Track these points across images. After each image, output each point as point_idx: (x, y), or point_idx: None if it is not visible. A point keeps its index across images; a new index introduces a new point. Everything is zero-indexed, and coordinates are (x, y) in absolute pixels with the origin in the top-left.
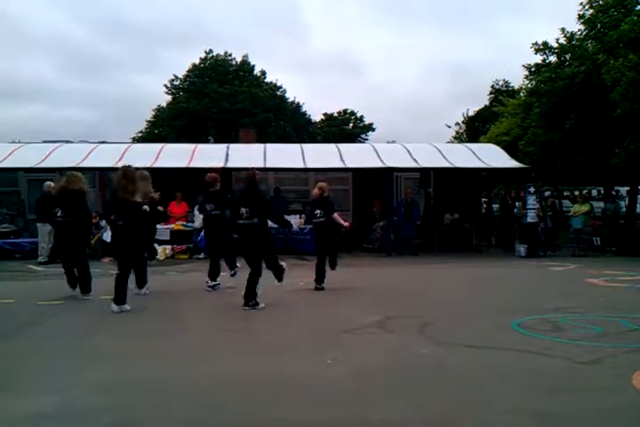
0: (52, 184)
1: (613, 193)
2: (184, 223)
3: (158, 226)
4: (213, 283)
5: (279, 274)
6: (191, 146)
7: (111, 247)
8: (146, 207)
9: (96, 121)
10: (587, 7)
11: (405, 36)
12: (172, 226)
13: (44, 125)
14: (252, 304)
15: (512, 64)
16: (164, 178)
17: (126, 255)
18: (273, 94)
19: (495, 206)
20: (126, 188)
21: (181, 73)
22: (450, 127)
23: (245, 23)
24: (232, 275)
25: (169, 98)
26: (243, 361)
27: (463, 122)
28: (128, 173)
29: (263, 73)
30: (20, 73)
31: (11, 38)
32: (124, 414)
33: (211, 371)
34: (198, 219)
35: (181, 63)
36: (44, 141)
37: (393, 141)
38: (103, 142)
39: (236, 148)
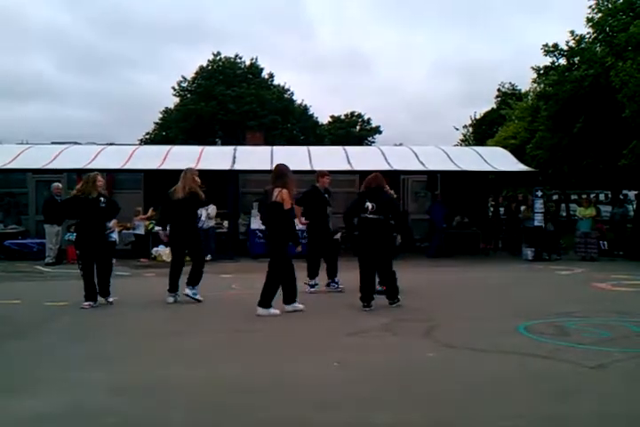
0: (60, 185)
1: (621, 197)
2: None
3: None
4: (330, 281)
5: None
6: (198, 148)
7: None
8: None
9: (103, 121)
10: (595, 10)
11: (413, 35)
12: None
13: (49, 126)
14: (395, 301)
15: (522, 65)
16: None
17: (279, 256)
18: (280, 97)
19: (502, 210)
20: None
21: (189, 75)
22: (458, 130)
23: (251, 21)
24: (327, 285)
25: (177, 100)
26: (247, 362)
27: (471, 125)
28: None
29: (271, 76)
30: (22, 72)
31: (12, 35)
32: (127, 416)
33: (214, 372)
34: (203, 221)
35: (187, 62)
36: (53, 143)
37: (400, 144)
38: (111, 144)
39: (243, 150)
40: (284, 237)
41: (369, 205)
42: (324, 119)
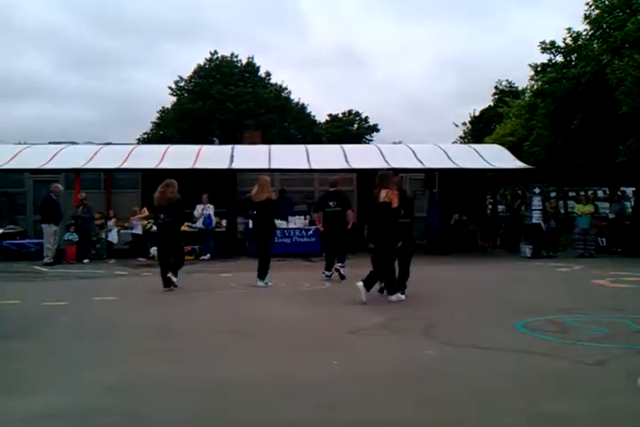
0: (61, 187)
1: (619, 193)
2: (190, 224)
3: None
4: (329, 273)
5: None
6: (196, 147)
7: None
8: None
9: (100, 121)
10: (592, 7)
11: (410, 31)
12: None
13: (46, 126)
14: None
15: (520, 62)
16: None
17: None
18: (277, 95)
19: (501, 207)
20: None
21: (186, 74)
22: (457, 126)
23: (247, 19)
24: (329, 276)
25: (173, 99)
26: (246, 362)
27: (470, 122)
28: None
29: (268, 74)
30: (18, 71)
31: (6, 34)
32: (128, 415)
33: (214, 371)
34: (200, 219)
35: (184, 61)
36: (50, 143)
37: (399, 142)
38: (109, 144)
39: (240, 149)
40: (394, 233)
41: (401, 211)
42: (321, 118)
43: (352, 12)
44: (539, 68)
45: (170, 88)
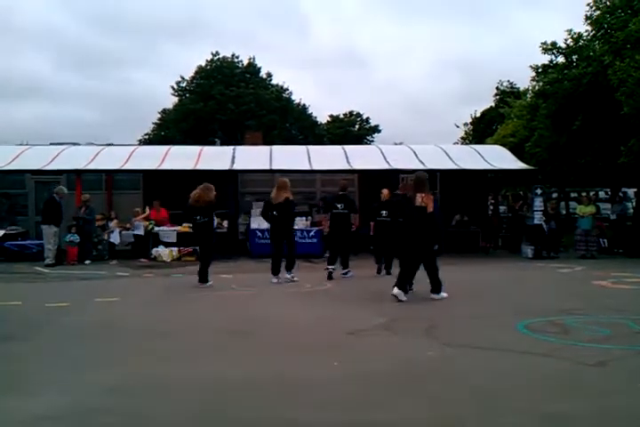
0: (64, 189)
1: (620, 195)
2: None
3: (165, 228)
4: (332, 267)
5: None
6: (197, 148)
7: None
8: None
9: (101, 122)
10: (594, 8)
11: (412, 31)
12: (178, 228)
13: (47, 127)
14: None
15: (520, 62)
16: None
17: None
18: (279, 96)
19: (502, 208)
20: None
21: (186, 74)
22: (459, 127)
23: (248, 18)
24: (344, 274)
25: (174, 99)
26: (247, 362)
27: (471, 123)
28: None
29: (269, 75)
30: (20, 72)
31: (7, 34)
32: (128, 415)
33: (214, 372)
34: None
35: (185, 62)
36: (51, 144)
37: (400, 143)
38: (110, 145)
39: (242, 150)
40: (430, 236)
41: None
42: (322, 119)
43: (354, 12)
44: (540, 69)
45: (172, 87)
